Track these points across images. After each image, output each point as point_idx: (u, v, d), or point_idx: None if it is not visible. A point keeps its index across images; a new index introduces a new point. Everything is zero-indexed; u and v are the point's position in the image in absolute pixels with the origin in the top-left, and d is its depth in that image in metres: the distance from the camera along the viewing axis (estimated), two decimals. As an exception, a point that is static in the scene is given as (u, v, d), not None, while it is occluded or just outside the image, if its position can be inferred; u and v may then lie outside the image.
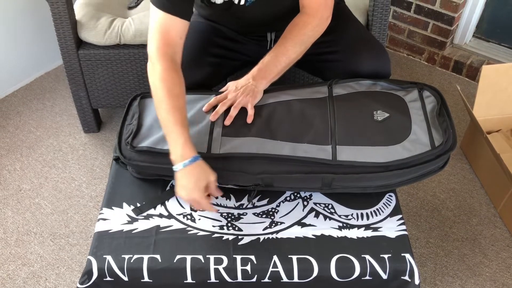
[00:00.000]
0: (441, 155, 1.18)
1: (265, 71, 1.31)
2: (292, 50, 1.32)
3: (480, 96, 1.87)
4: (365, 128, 1.23)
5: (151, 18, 1.26)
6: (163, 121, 1.20)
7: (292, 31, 1.33)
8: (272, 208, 1.26)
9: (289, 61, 1.32)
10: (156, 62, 1.23)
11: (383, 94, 1.32)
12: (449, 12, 2.28)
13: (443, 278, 1.59)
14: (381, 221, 1.22)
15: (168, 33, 1.24)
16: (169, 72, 1.22)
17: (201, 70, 1.45)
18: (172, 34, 1.24)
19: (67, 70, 1.85)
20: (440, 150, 1.18)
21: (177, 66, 1.25)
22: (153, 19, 1.25)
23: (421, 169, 1.19)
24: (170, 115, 1.18)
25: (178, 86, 1.22)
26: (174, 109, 1.18)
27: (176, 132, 1.16)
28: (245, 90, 1.29)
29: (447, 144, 1.18)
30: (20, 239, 1.69)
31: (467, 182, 1.89)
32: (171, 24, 1.24)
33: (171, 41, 1.25)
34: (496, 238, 1.70)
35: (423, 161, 1.18)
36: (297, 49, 1.32)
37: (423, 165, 1.18)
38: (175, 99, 1.20)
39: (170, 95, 1.19)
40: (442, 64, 2.44)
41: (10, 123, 2.13)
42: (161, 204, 1.26)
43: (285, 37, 1.32)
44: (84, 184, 1.87)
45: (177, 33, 1.25)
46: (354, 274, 1.13)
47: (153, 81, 1.23)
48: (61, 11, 1.71)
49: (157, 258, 1.14)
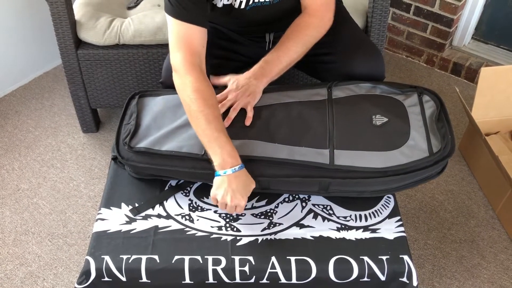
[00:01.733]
0: (439, 161, 1.18)
1: (266, 70, 1.31)
2: (294, 50, 1.32)
3: (479, 98, 1.87)
4: (364, 133, 1.23)
5: (170, 31, 1.24)
6: (203, 131, 1.17)
7: (294, 31, 1.33)
8: (270, 209, 1.26)
9: (290, 61, 1.32)
10: (186, 74, 1.21)
11: (383, 98, 1.32)
12: (448, 14, 2.28)
13: (441, 279, 1.59)
14: (380, 222, 1.22)
15: (191, 43, 1.23)
16: (201, 83, 1.21)
17: None
18: (195, 43, 1.23)
19: (66, 70, 1.85)
20: (438, 156, 1.17)
21: (206, 76, 1.25)
22: (173, 31, 1.24)
23: (419, 175, 1.19)
24: (212, 124, 1.17)
25: (212, 96, 1.22)
26: (214, 119, 1.18)
27: (221, 140, 1.16)
28: (246, 90, 1.29)
29: (445, 150, 1.18)
30: (18, 239, 1.69)
31: (465, 184, 1.90)
32: (192, 33, 1.23)
33: (195, 50, 1.23)
34: (494, 240, 1.71)
35: (420, 167, 1.18)
36: (298, 49, 1.32)
37: (420, 171, 1.18)
38: (213, 109, 1.19)
39: (207, 105, 1.18)
40: (441, 66, 2.44)
41: (8, 123, 2.13)
42: (159, 205, 1.26)
43: (287, 37, 1.33)
44: (82, 184, 1.87)
45: (199, 41, 1.24)
46: (352, 275, 1.13)
47: (187, 94, 1.20)
48: (60, 11, 1.71)
49: (155, 258, 1.14)
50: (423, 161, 1.17)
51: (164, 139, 1.25)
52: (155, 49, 1.81)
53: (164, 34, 1.78)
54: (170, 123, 1.29)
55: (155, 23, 1.78)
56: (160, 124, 1.29)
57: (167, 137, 1.26)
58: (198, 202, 1.27)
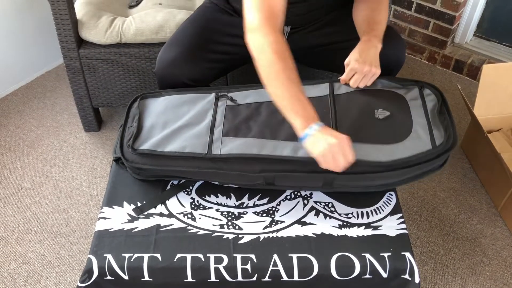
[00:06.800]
0: (442, 153, 1.18)
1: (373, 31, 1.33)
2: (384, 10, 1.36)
3: (481, 95, 1.87)
4: (367, 127, 1.23)
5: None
6: (283, 92, 1.15)
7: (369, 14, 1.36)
8: (272, 207, 1.26)
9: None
10: (266, 34, 1.17)
11: (384, 92, 1.32)
12: (450, 11, 2.27)
13: (443, 277, 1.59)
14: (381, 219, 1.22)
15: (273, 6, 1.20)
16: (282, 45, 1.18)
17: (199, 66, 1.43)
18: (277, 6, 1.21)
19: (68, 69, 1.85)
20: (441, 148, 1.18)
21: (285, 39, 1.21)
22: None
23: (422, 168, 1.19)
24: (294, 85, 1.15)
25: (291, 59, 1.18)
26: (294, 81, 1.15)
27: (303, 100, 1.14)
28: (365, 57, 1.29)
29: (448, 143, 1.18)
30: (20, 238, 1.70)
31: (467, 181, 1.89)
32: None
33: (276, 13, 1.20)
34: (497, 237, 1.70)
35: (424, 160, 1.18)
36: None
37: (424, 164, 1.18)
38: (292, 72, 1.16)
39: (286, 68, 1.16)
40: (443, 63, 2.44)
41: (11, 122, 2.13)
42: (161, 203, 1.26)
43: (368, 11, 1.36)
44: (84, 183, 1.87)
45: (281, 6, 1.22)
46: (354, 272, 1.13)
47: (266, 55, 1.16)
48: (61, 10, 1.71)
49: (158, 257, 1.14)
50: (426, 153, 1.17)
51: (167, 139, 1.25)
52: (156, 48, 1.81)
53: (165, 32, 1.78)
54: (172, 124, 1.29)
55: (157, 21, 1.78)
56: (162, 125, 1.29)
57: (170, 137, 1.26)
58: (200, 201, 1.27)
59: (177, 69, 1.41)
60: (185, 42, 1.41)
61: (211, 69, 1.47)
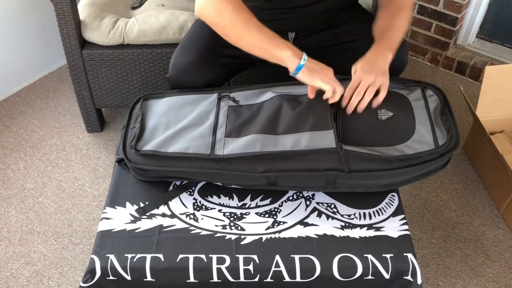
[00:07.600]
0: (444, 153, 1.18)
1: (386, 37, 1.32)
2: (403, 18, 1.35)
3: (483, 97, 1.87)
4: (370, 128, 1.23)
5: None
6: (259, 35, 1.18)
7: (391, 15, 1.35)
8: (274, 208, 1.26)
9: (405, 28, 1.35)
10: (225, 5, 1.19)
11: (387, 93, 1.32)
12: (453, 12, 2.27)
13: (446, 278, 1.59)
14: (384, 220, 1.22)
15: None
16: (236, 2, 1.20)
17: (211, 70, 1.43)
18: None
19: (70, 70, 1.86)
20: (443, 148, 1.18)
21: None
22: None
23: (425, 168, 1.19)
24: (265, 28, 1.18)
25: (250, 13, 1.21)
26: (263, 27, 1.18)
27: (280, 38, 1.16)
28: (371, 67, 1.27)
29: (450, 143, 1.18)
30: (23, 238, 1.70)
31: (470, 183, 1.89)
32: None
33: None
34: (499, 239, 1.70)
35: (427, 159, 1.18)
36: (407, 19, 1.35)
37: (426, 163, 1.18)
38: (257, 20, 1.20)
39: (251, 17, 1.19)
40: (445, 65, 2.43)
41: (14, 123, 2.14)
42: (164, 204, 1.26)
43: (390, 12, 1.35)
44: (87, 183, 1.88)
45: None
46: (356, 273, 1.13)
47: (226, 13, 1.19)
48: (65, 11, 1.72)
49: (160, 257, 1.14)
50: (429, 153, 1.17)
51: (170, 140, 1.25)
52: (159, 49, 1.81)
53: (168, 34, 1.78)
54: (175, 125, 1.29)
55: (159, 23, 1.79)
56: (165, 126, 1.29)
57: (173, 138, 1.26)
58: (203, 201, 1.27)
59: (192, 74, 1.41)
60: (198, 47, 1.40)
61: (222, 73, 1.47)
